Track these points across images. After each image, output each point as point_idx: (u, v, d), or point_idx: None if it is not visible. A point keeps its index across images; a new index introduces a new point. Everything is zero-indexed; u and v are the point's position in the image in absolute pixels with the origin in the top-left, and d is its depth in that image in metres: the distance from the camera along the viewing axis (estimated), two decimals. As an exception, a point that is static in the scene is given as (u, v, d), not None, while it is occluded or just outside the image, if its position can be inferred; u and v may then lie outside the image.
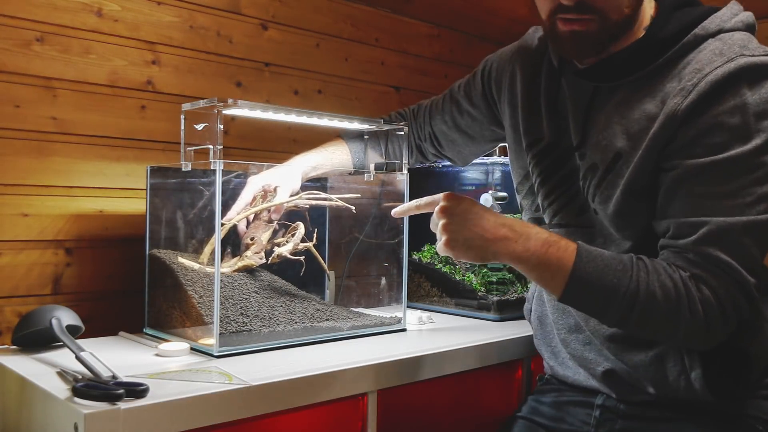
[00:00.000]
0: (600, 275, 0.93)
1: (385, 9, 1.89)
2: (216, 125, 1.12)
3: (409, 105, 1.50)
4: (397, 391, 1.14)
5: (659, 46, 0.99)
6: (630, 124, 1.01)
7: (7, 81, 1.26)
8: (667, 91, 0.98)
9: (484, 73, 1.31)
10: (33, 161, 1.29)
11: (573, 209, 1.12)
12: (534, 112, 1.16)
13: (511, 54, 1.25)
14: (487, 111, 1.32)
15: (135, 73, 1.42)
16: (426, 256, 1.66)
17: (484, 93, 1.31)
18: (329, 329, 1.25)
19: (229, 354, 1.10)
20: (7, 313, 1.26)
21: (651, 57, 1.00)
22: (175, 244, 1.31)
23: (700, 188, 0.93)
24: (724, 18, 0.99)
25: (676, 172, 0.95)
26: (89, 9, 1.36)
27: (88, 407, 0.82)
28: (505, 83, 1.24)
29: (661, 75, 0.99)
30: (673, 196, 0.96)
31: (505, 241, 0.96)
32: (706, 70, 0.94)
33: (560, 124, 1.11)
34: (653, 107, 0.98)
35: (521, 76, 1.19)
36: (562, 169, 1.12)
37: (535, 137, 1.15)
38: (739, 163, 0.91)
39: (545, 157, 1.14)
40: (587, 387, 1.13)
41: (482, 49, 2.14)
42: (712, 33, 0.98)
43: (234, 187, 1.31)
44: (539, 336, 1.25)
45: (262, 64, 1.63)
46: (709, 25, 0.98)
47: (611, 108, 1.04)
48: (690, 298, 0.91)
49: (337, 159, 1.39)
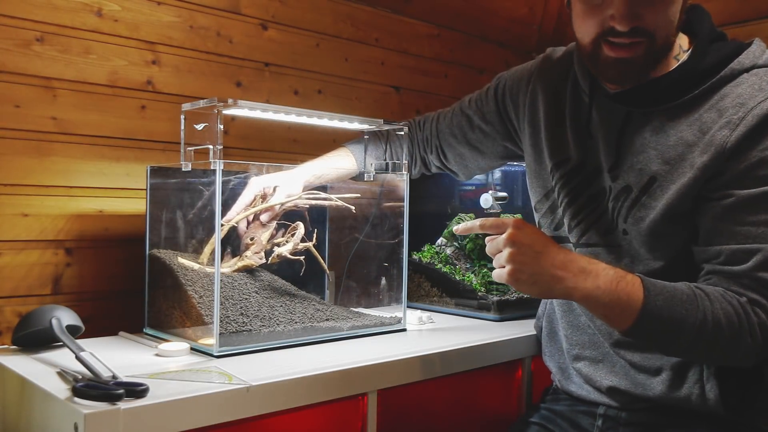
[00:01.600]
0: (669, 308, 0.94)
1: (385, 9, 1.89)
2: (216, 125, 1.12)
3: (409, 105, 1.50)
4: (397, 391, 1.14)
5: (698, 76, 1.02)
6: (666, 150, 1.03)
7: (7, 81, 1.26)
8: (704, 121, 1.00)
9: (498, 90, 1.32)
10: (33, 161, 1.29)
11: (600, 229, 1.12)
12: (559, 133, 1.17)
13: (530, 74, 1.26)
14: (501, 128, 1.33)
15: (135, 73, 1.42)
16: (426, 256, 1.66)
17: (498, 110, 1.32)
18: (329, 329, 1.25)
19: (229, 354, 1.10)
20: (7, 313, 1.26)
21: (689, 87, 1.02)
22: (175, 244, 1.31)
23: (752, 217, 0.96)
24: (756, 54, 1.03)
25: (728, 201, 0.98)
26: (89, 9, 1.36)
27: (88, 407, 0.82)
28: (523, 102, 1.25)
29: (697, 104, 1.02)
30: (723, 225, 0.98)
31: (575, 279, 0.94)
32: (750, 104, 0.97)
33: (589, 145, 1.13)
34: (690, 135, 1.01)
35: (543, 97, 1.20)
36: (589, 189, 1.13)
37: (562, 158, 1.16)
38: None
39: (573, 178, 1.15)
40: (591, 400, 1.16)
41: (482, 49, 2.15)
42: (746, 68, 1.01)
43: (234, 187, 1.31)
44: (548, 352, 1.27)
45: (262, 64, 1.63)
46: (744, 60, 1.02)
47: (647, 133, 1.06)
48: (750, 323, 0.94)
49: (342, 168, 1.39)
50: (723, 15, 1.87)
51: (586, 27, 1.02)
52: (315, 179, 1.35)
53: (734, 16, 1.87)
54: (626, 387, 1.10)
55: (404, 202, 1.37)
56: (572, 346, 1.19)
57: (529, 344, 1.35)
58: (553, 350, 1.25)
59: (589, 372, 1.16)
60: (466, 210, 1.73)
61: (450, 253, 1.66)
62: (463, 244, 1.67)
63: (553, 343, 1.26)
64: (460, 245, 1.67)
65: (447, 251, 1.67)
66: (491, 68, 2.15)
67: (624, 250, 1.09)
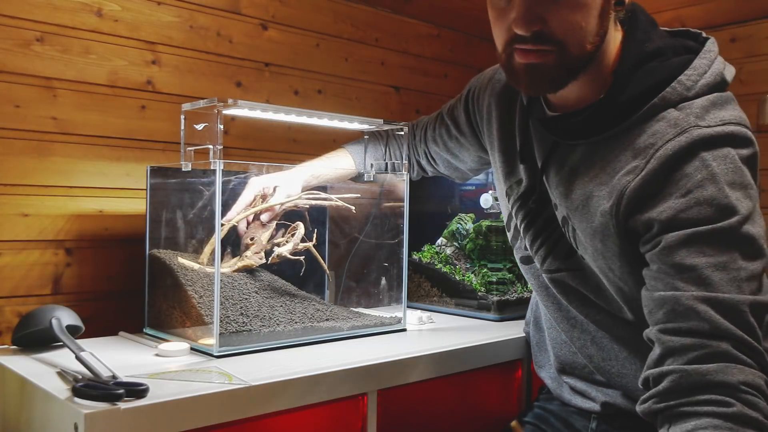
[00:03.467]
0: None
1: (385, 9, 1.89)
2: (216, 125, 1.12)
3: (409, 105, 1.49)
4: (397, 391, 1.14)
5: (617, 110, 0.93)
6: (584, 186, 0.96)
7: (7, 81, 1.26)
8: (618, 162, 0.92)
9: (468, 99, 1.26)
10: (33, 161, 1.29)
11: (560, 254, 1.06)
12: (510, 154, 1.11)
13: (487, 85, 1.19)
14: (473, 138, 1.27)
15: (135, 73, 1.42)
16: (426, 256, 1.66)
17: (469, 120, 1.26)
18: (329, 329, 1.25)
19: (229, 354, 1.10)
20: (7, 313, 1.26)
21: (608, 123, 0.94)
22: (175, 244, 1.31)
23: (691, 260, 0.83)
24: (689, 82, 0.91)
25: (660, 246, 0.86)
26: (89, 9, 1.36)
27: (88, 407, 0.82)
28: (484, 115, 1.20)
29: (617, 141, 0.94)
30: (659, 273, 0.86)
31: None
32: (658, 143, 0.88)
33: (533, 168, 1.06)
34: (605, 176, 0.94)
35: (497, 114, 1.14)
36: (543, 213, 1.07)
37: (514, 180, 1.12)
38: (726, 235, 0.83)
39: (525, 202, 1.09)
40: (586, 409, 1.13)
41: (482, 49, 2.15)
42: (673, 103, 0.90)
43: (234, 187, 1.31)
44: (538, 363, 1.26)
45: (262, 64, 1.63)
46: (670, 96, 0.90)
47: (569, 165, 0.99)
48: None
49: (341, 168, 1.39)
50: (723, 15, 1.87)
51: (496, 34, 0.96)
52: (314, 180, 1.35)
53: (734, 16, 1.87)
54: (622, 404, 1.07)
55: (404, 202, 1.37)
56: (560, 362, 1.17)
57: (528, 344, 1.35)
58: (543, 361, 1.24)
59: (580, 387, 1.13)
60: (466, 210, 1.73)
61: (450, 253, 1.66)
62: (463, 244, 1.67)
63: (543, 353, 1.24)
64: (460, 245, 1.68)
65: (447, 251, 1.67)
66: (491, 68, 2.15)
67: (588, 274, 1.03)
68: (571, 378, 1.16)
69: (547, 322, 1.20)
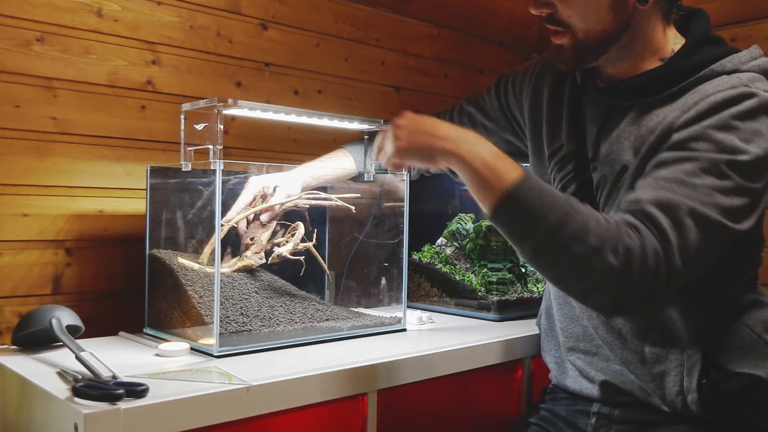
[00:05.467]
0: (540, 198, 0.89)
1: (385, 9, 1.89)
2: (216, 125, 1.12)
3: (409, 105, 1.50)
4: (397, 391, 1.14)
5: (679, 75, 1.03)
6: (636, 140, 1.04)
7: (7, 81, 1.26)
8: (667, 120, 1.01)
9: (500, 88, 1.36)
10: (33, 161, 1.29)
11: None
12: (557, 123, 1.20)
13: (534, 71, 1.29)
14: (505, 123, 1.36)
15: (135, 73, 1.42)
16: (426, 256, 1.66)
17: (501, 107, 1.36)
18: (329, 329, 1.25)
19: (229, 354, 1.10)
20: (7, 313, 1.26)
21: (669, 84, 1.04)
22: (175, 244, 1.31)
23: (665, 172, 0.94)
24: (743, 60, 1.02)
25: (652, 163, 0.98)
26: (89, 9, 1.36)
27: (88, 407, 0.82)
28: (526, 98, 1.28)
29: (672, 100, 1.03)
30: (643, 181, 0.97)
31: (454, 142, 0.94)
32: (710, 92, 0.98)
33: (579, 136, 1.15)
34: (656, 125, 1.02)
35: (547, 90, 1.23)
36: (580, 178, 1.15)
37: (556, 146, 1.19)
38: (711, 166, 0.92)
39: (564, 166, 1.17)
40: (586, 396, 1.16)
41: (482, 49, 2.15)
42: (727, 71, 1.01)
43: (234, 187, 1.31)
44: (545, 347, 1.28)
45: (262, 64, 1.63)
46: (726, 64, 1.02)
47: (623, 124, 1.08)
48: (617, 238, 0.88)
49: (341, 168, 1.40)
50: (723, 15, 1.87)
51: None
52: (314, 180, 1.35)
53: (734, 16, 1.87)
54: (619, 382, 1.11)
55: (404, 202, 1.37)
56: (567, 338, 1.20)
57: (528, 344, 1.35)
58: (550, 345, 1.26)
59: (583, 365, 1.17)
60: (466, 210, 1.73)
61: (450, 253, 1.66)
62: (463, 244, 1.67)
63: (550, 338, 1.26)
64: (460, 245, 1.68)
65: (447, 251, 1.67)
66: (491, 68, 2.15)
67: None
68: (574, 355, 1.18)
69: (559, 300, 1.22)
